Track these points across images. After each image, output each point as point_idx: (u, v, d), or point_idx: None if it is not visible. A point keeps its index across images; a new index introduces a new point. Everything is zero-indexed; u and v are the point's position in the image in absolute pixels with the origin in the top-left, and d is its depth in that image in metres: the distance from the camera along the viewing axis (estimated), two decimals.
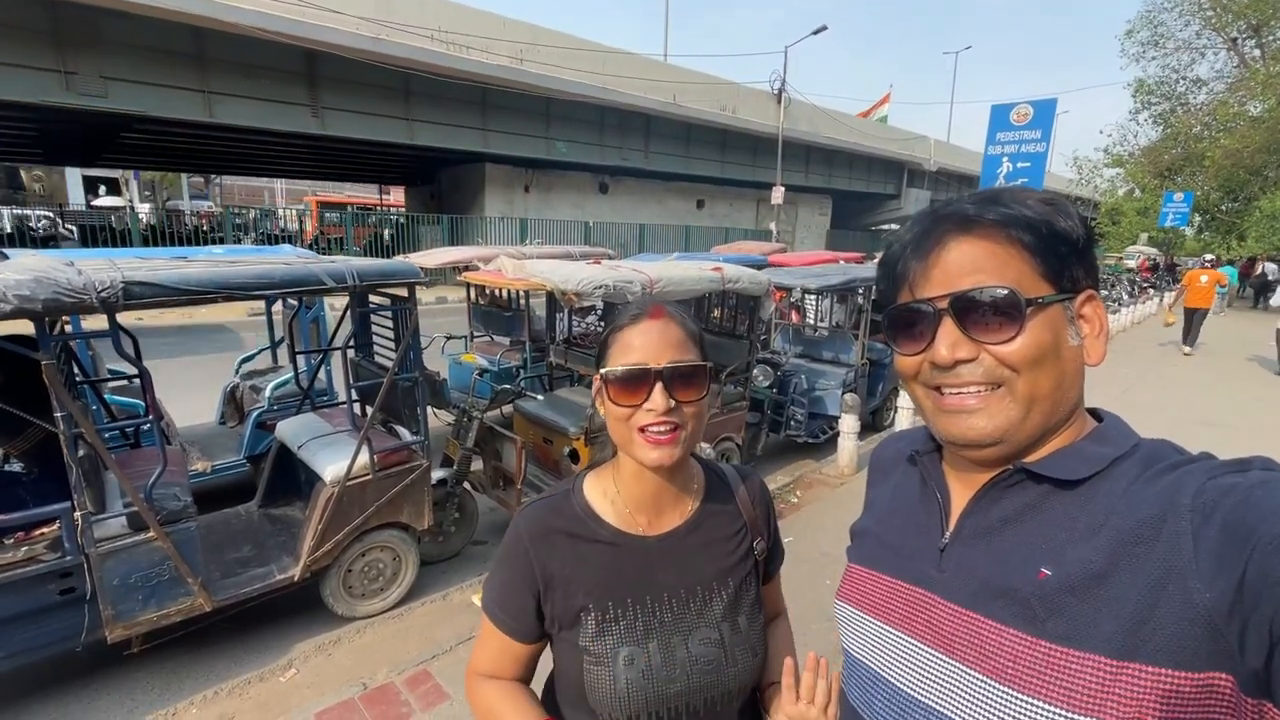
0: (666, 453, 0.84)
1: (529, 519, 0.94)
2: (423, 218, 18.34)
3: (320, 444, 3.30)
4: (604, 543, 0.91)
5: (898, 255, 0.71)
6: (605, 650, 0.87)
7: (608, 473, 0.97)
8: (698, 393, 0.86)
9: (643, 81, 18.41)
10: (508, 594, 0.93)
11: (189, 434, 4.52)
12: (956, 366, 0.64)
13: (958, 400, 0.65)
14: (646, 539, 0.93)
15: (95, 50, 11.44)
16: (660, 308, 0.89)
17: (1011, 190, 0.68)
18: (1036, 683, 0.57)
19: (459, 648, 2.95)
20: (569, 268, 4.17)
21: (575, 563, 0.90)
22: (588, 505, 0.94)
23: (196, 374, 7.43)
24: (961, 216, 0.66)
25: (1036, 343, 0.62)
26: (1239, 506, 0.51)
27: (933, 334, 0.66)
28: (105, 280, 2.26)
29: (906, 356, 0.70)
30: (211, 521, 3.46)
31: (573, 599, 0.89)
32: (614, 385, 0.85)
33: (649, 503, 0.93)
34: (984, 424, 0.64)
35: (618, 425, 0.87)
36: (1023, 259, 0.64)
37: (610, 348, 0.88)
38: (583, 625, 0.89)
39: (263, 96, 13.47)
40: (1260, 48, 19.41)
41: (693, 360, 0.86)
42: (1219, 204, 20.95)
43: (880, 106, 30.81)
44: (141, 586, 2.59)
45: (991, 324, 0.63)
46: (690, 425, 0.86)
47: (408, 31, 13.81)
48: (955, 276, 0.64)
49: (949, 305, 0.64)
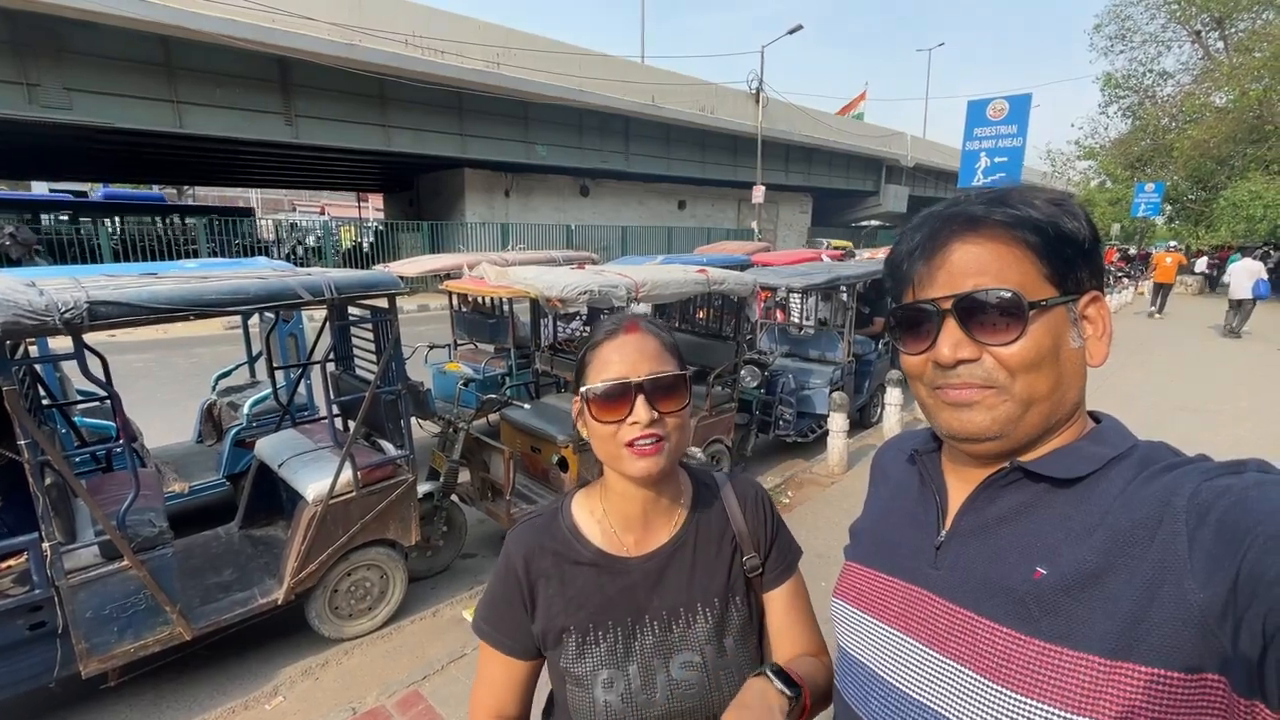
0: (653, 463, 0.83)
1: (516, 539, 0.94)
2: (402, 225, 18.13)
3: (302, 461, 3.21)
4: (586, 564, 0.91)
5: (904, 255, 0.71)
6: (585, 672, 0.87)
7: (595, 492, 0.96)
8: (679, 402, 0.86)
9: (621, 83, 18.40)
10: (501, 614, 0.93)
11: (165, 454, 4.40)
12: (958, 366, 0.65)
13: (956, 395, 0.66)
14: (629, 560, 0.92)
15: (58, 61, 11.16)
16: (634, 322, 0.89)
17: (1020, 190, 0.67)
18: (1030, 682, 0.57)
19: (450, 666, 2.88)
20: (553, 273, 4.12)
21: (559, 583, 0.90)
22: (574, 525, 0.94)
23: (172, 391, 7.25)
24: (968, 217, 0.66)
25: (1036, 346, 0.63)
26: (1233, 508, 0.52)
27: (936, 334, 0.66)
28: (69, 300, 2.16)
29: (912, 355, 0.70)
30: (190, 545, 3.35)
31: (555, 619, 0.89)
32: (595, 402, 0.85)
33: (637, 521, 0.92)
34: (982, 418, 0.65)
35: (602, 443, 0.86)
36: (1028, 261, 0.64)
37: (588, 366, 0.88)
38: (565, 646, 0.89)
39: (234, 105, 13.23)
40: (1223, 40, 19.87)
41: (672, 370, 0.86)
42: (1188, 194, 21.41)
43: (857, 104, 31.10)
44: (116, 617, 2.49)
45: (994, 326, 0.63)
46: (674, 436, 0.86)
47: (381, 37, 13.66)
48: (960, 277, 0.65)
49: (952, 306, 0.65)
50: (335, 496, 2.99)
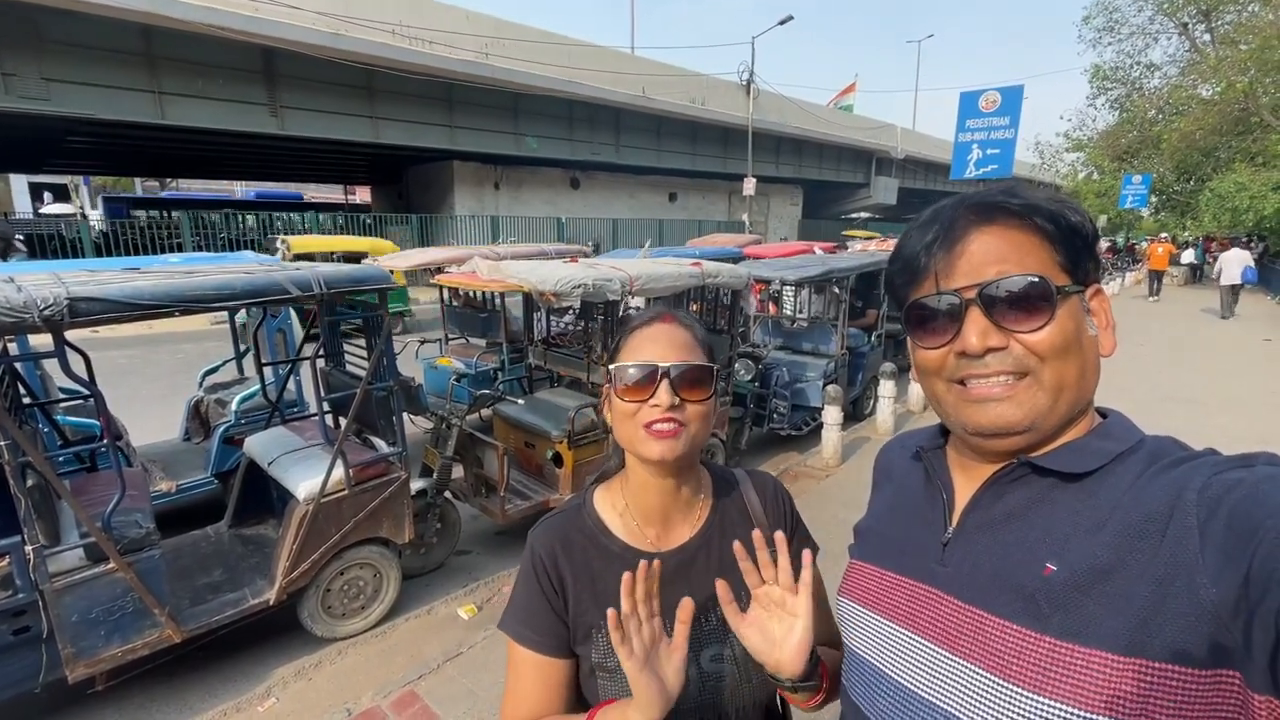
0: (670, 445, 0.84)
1: (541, 534, 0.94)
2: (391, 218, 17.93)
3: (292, 459, 3.16)
4: (614, 557, 0.91)
5: (916, 248, 0.69)
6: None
7: (616, 485, 0.97)
8: (703, 393, 0.88)
9: (611, 75, 18.26)
10: (532, 612, 0.91)
11: (151, 452, 4.32)
12: (986, 355, 0.63)
13: (984, 389, 0.64)
14: (656, 554, 0.91)
15: (36, 51, 10.90)
16: (671, 314, 0.93)
17: (1023, 184, 0.68)
18: (1042, 679, 0.56)
19: (447, 665, 2.86)
20: (546, 267, 4.07)
21: (587, 576, 0.91)
22: (598, 518, 0.95)
23: (157, 388, 7.13)
24: (983, 207, 0.65)
25: (1063, 331, 0.62)
26: (1244, 501, 0.51)
27: (958, 326, 0.65)
28: (48, 297, 2.10)
29: (929, 350, 0.68)
30: (178, 545, 3.30)
31: (584, 614, 0.89)
32: (623, 381, 0.87)
33: (657, 514, 0.93)
34: (1014, 412, 0.63)
35: (623, 422, 0.88)
36: (1044, 249, 0.64)
37: (622, 348, 0.92)
38: (594, 641, 0.89)
39: (218, 96, 12.99)
40: (1210, 32, 19.91)
41: (699, 362, 0.88)
42: (1174, 185, 21.54)
43: (846, 95, 31.07)
44: (103, 621, 2.44)
45: (1021, 313, 0.62)
46: (694, 425, 0.87)
47: (368, 27, 13.45)
48: (980, 266, 0.64)
49: (977, 295, 0.64)
50: (327, 495, 2.94)
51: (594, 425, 3.84)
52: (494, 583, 3.62)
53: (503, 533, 4.26)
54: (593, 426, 3.84)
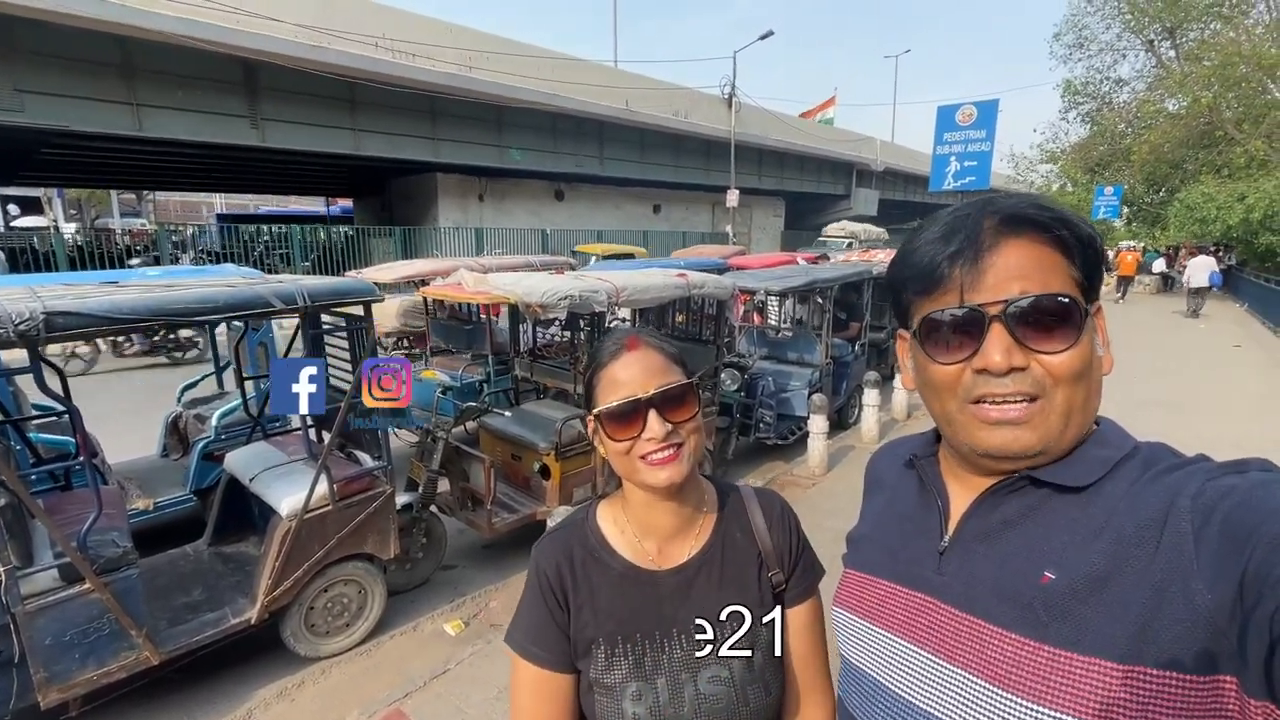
0: (674, 470, 0.84)
1: (545, 550, 0.94)
2: (374, 230, 17.80)
3: (274, 475, 3.10)
4: (615, 575, 0.91)
5: (937, 258, 0.64)
6: (614, 683, 0.86)
7: (617, 502, 0.96)
8: (690, 411, 0.87)
9: (595, 88, 18.37)
10: (538, 627, 0.90)
11: (128, 469, 4.22)
12: (1008, 375, 0.61)
13: (1000, 412, 0.62)
14: (658, 573, 0.91)
15: (8, 61, 10.69)
16: (635, 338, 0.90)
17: (1030, 195, 0.66)
18: (1041, 688, 0.56)
19: (434, 683, 2.81)
20: (532, 279, 4.07)
21: (589, 592, 0.90)
22: (600, 534, 0.94)
23: (134, 403, 6.98)
24: (1013, 218, 0.62)
25: (1083, 355, 0.61)
26: (1238, 507, 0.51)
27: (978, 342, 0.62)
28: (23, 311, 2.06)
29: (944, 366, 0.65)
30: (156, 564, 3.22)
31: (585, 629, 0.89)
32: (609, 422, 0.86)
33: (659, 531, 0.92)
34: (1029, 436, 0.62)
35: (620, 459, 0.87)
36: (1066, 265, 0.62)
37: (596, 387, 0.89)
38: (593, 657, 0.88)
39: (197, 108, 12.83)
40: (1175, 49, 20.60)
41: (679, 381, 0.87)
42: (1144, 196, 22.13)
43: (826, 108, 31.52)
44: (78, 644, 2.37)
45: (1046, 333, 0.60)
46: (691, 442, 0.86)
47: (350, 39, 13.41)
48: (1006, 281, 0.61)
49: (1003, 311, 0.61)
50: (311, 510, 2.89)
51: (581, 437, 3.83)
52: (480, 598, 3.58)
53: (489, 546, 4.22)
54: (580, 438, 3.82)
